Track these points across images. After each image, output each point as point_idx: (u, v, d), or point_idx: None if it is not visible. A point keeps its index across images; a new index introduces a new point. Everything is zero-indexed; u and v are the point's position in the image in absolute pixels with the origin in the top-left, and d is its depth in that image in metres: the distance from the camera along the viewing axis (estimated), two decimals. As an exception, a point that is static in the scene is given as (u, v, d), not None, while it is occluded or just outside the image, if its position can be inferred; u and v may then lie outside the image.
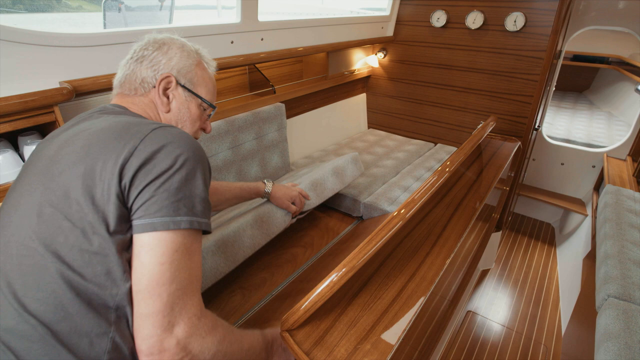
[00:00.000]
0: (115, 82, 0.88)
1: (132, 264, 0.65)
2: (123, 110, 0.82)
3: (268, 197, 1.45)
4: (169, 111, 0.88)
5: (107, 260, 0.63)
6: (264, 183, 1.44)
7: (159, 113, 0.87)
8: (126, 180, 0.63)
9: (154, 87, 0.85)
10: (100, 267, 0.63)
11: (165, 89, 0.86)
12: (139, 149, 0.65)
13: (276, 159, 2.02)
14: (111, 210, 0.63)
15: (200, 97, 0.92)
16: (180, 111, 0.89)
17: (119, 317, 0.64)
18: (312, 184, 1.59)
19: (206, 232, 0.72)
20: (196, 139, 0.89)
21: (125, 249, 0.65)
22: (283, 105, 2.05)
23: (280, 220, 1.46)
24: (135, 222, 0.65)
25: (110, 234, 0.63)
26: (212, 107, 0.96)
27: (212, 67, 0.97)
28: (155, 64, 0.84)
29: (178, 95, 0.88)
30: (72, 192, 0.64)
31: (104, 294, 0.63)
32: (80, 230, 0.63)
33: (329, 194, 1.67)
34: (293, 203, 1.48)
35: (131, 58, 0.86)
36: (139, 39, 0.88)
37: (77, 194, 0.63)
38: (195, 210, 0.68)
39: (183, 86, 0.88)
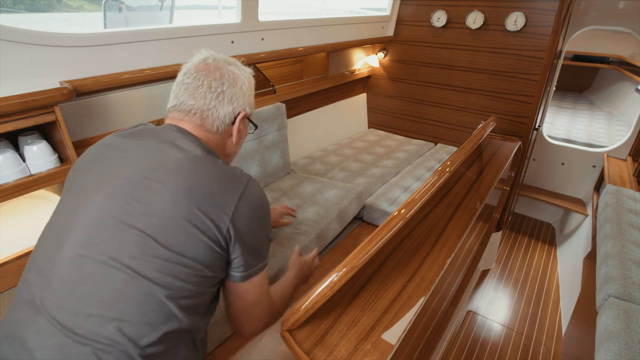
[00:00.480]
0: (185, 109, 0.85)
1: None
2: (199, 143, 0.83)
3: None
4: (238, 143, 0.93)
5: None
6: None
7: (224, 144, 0.91)
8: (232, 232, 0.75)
9: (233, 123, 0.89)
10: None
11: (240, 124, 0.90)
12: (239, 206, 0.76)
13: (276, 159, 2.02)
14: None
15: (254, 124, 0.99)
16: (241, 138, 0.94)
17: None
18: (316, 237, 1.59)
19: None
20: None
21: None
22: (283, 105, 2.04)
23: None
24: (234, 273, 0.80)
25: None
26: (256, 127, 1.03)
27: None
28: (235, 101, 0.87)
29: (243, 127, 0.93)
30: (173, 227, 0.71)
31: None
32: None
33: (329, 240, 1.71)
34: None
35: (208, 92, 0.84)
36: (201, 61, 0.87)
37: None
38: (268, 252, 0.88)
39: (248, 118, 0.94)
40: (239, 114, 0.88)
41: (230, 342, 1.21)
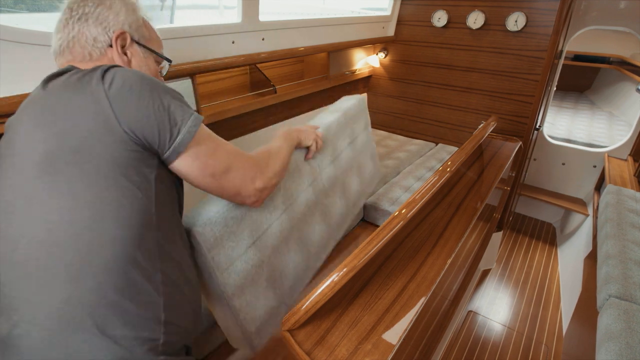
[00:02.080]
0: (57, 48, 0.78)
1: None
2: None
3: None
4: None
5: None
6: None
7: None
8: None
9: (110, 45, 0.77)
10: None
11: (123, 47, 0.79)
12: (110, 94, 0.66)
13: (370, 166, 1.75)
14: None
15: (157, 53, 0.88)
16: (141, 69, 0.83)
17: None
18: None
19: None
20: None
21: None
22: (365, 96, 1.81)
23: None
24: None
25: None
26: (169, 61, 0.93)
27: (148, 18, 0.90)
28: (103, 20, 0.76)
29: (136, 53, 0.82)
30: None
31: None
32: None
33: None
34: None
35: (70, 18, 0.75)
36: None
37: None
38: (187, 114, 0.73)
39: (137, 42, 0.82)
40: (115, 34, 0.77)
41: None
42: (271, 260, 1.10)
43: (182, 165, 0.72)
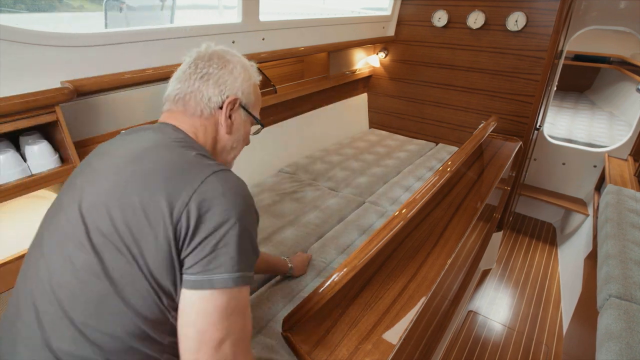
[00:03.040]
0: (172, 95, 0.82)
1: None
2: (177, 132, 0.78)
3: (291, 273, 1.35)
4: (230, 133, 0.84)
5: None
6: (286, 260, 1.34)
7: (215, 136, 0.83)
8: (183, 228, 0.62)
9: (220, 108, 0.82)
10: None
11: (230, 110, 0.83)
12: (194, 196, 0.64)
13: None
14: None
15: (256, 118, 0.90)
16: (238, 132, 0.87)
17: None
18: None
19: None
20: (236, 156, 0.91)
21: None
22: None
23: None
24: (188, 277, 0.63)
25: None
26: (262, 126, 0.94)
27: (258, 81, 0.93)
28: (222, 84, 0.81)
29: (238, 117, 0.85)
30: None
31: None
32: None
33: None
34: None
35: (194, 73, 0.80)
36: (195, 51, 0.85)
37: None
38: (249, 265, 0.67)
39: (243, 107, 0.86)
40: (228, 99, 0.81)
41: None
42: None
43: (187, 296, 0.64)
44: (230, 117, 0.84)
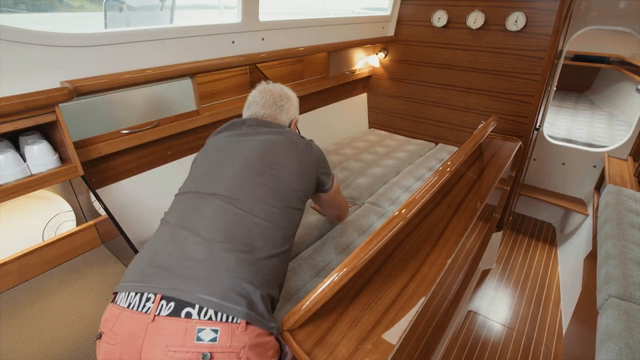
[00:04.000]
0: (259, 115, 1.28)
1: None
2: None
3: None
4: None
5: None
6: None
7: None
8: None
9: (289, 125, 1.32)
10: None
11: (293, 126, 1.35)
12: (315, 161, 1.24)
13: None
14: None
15: (299, 130, 1.41)
16: None
17: None
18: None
19: None
20: None
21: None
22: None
23: None
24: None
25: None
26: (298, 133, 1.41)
27: None
28: (287, 111, 1.31)
29: (294, 127, 1.38)
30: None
31: None
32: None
33: None
34: None
35: (274, 105, 1.28)
36: (267, 88, 1.31)
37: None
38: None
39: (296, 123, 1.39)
40: (292, 120, 1.33)
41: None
42: None
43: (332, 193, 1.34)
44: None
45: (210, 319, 0.78)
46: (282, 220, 1.02)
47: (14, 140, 1.17)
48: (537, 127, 2.49)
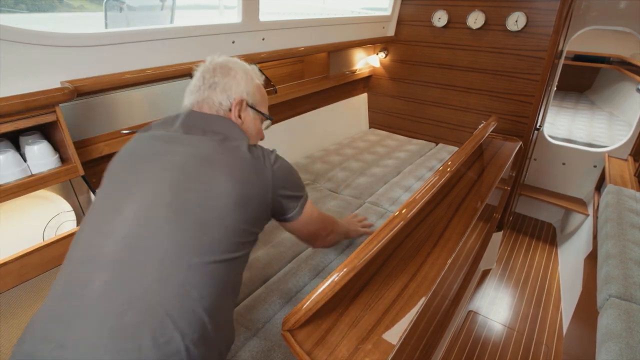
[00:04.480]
0: (188, 106, 0.97)
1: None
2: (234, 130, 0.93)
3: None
4: (246, 128, 0.99)
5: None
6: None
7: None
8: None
9: (230, 110, 0.96)
10: None
11: (239, 110, 0.97)
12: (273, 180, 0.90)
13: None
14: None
15: (264, 114, 1.04)
16: (249, 128, 1.00)
17: None
18: None
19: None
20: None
21: None
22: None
23: None
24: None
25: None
26: (271, 119, 1.08)
27: (261, 81, 1.07)
28: (227, 90, 0.95)
29: (247, 115, 1.00)
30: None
31: None
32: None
33: None
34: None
35: (202, 85, 0.95)
36: (201, 66, 0.99)
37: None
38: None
39: (251, 106, 1.00)
40: (235, 100, 0.95)
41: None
42: None
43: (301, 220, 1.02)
44: (240, 116, 0.97)
45: None
46: (212, 286, 0.74)
47: (14, 140, 1.17)
48: (537, 127, 2.49)
